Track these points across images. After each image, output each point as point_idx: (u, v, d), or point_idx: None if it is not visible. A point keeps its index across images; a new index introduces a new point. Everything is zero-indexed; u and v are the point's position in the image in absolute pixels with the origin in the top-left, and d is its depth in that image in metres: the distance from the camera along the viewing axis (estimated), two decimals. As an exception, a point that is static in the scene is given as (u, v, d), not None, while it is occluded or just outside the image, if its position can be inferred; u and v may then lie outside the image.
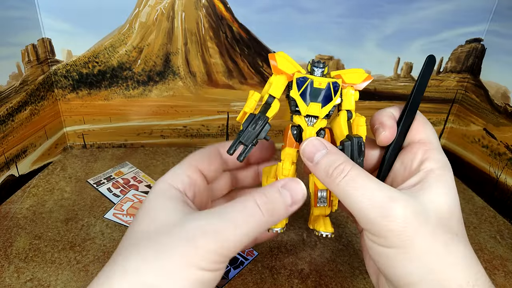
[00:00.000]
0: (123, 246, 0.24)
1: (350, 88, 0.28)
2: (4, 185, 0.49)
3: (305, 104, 0.27)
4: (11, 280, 0.36)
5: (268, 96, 0.27)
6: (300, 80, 0.27)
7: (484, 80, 0.57)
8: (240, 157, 0.26)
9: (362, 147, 0.26)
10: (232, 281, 0.37)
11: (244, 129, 0.26)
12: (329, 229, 0.29)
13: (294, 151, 0.28)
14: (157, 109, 0.61)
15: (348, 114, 0.28)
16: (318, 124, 0.28)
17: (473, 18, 0.56)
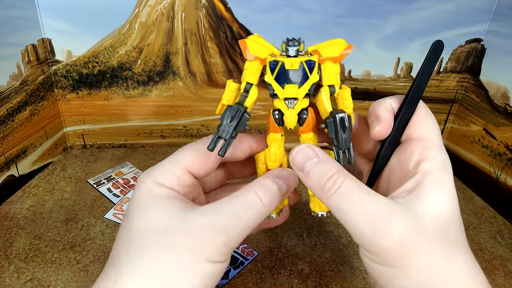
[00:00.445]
0: (124, 247, 0.23)
1: (329, 62, 0.27)
2: (4, 185, 0.49)
3: (281, 87, 0.26)
4: (11, 280, 0.36)
5: (245, 84, 0.26)
6: (272, 63, 0.26)
7: (484, 80, 0.57)
8: (220, 152, 0.25)
9: (346, 122, 0.25)
10: (232, 281, 0.37)
11: (221, 123, 0.25)
12: (323, 208, 0.28)
13: (279, 136, 0.28)
14: (157, 109, 0.61)
15: (331, 89, 0.27)
16: (299, 105, 0.27)
17: (473, 18, 0.56)
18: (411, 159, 0.24)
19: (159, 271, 0.22)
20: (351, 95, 0.27)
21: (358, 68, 0.59)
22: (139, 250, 0.22)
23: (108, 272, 0.23)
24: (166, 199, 0.24)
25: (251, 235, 0.32)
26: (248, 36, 0.26)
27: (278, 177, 0.25)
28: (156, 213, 0.23)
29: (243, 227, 0.23)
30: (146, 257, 0.22)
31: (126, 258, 0.23)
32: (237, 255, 0.41)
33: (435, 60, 0.25)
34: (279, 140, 0.28)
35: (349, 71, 0.59)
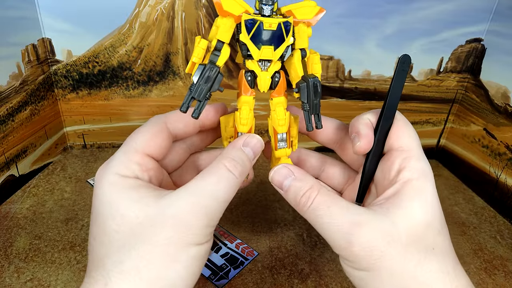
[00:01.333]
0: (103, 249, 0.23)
1: (302, 24, 0.26)
2: (4, 185, 0.49)
3: (257, 48, 0.25)
4: (11, 280, 0.36)
5: (216, 41, 0.25)
6: (249, 22, 0.25)
7: (484, 80, 0.57)
8: (195, 114, 0.24)
9: (318, 88, 0.25)
10: (232, 281, 0.37)
11: (195, 83, 0.24)
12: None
13: (251, 98, 0.27)
14: (157, 109, 0.61)
15: (302, 52, 0.27)
16: (272, 67, 0.26)
17: (473, 18, 0.56)
18: (392, 169, 0.25)
19: (147, 266, 0.22)
20: (352, 94, 0.27)
21: (358, 68, 0.59)
22: (122, 250, 0.22)
23: (93, 275, 0.22)
24: (134, 191, 0.23)
25: None
26: None
27: (244, 145, 0.26)
28: (128, 208, 0.22)
29: (221, 203, 0.23)
30: (131, 255, 0.22)
31: (111, 260, 0.22)
32: (237, 255, 0.41)
33: (403, 73, 0.26)
34: (250, 103, 0.27)
35: (349, 71, 0.59)
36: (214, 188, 0.23)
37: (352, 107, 0.61)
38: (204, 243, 0.23)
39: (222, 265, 0.39)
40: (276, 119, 0.28)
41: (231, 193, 0.24)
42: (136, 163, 0.25)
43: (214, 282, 0.37)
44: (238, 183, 0.25)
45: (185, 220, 0.22)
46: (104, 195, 0.23)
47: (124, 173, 0.24)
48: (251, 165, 0.26)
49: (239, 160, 0.25)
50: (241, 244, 0.42)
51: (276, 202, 0.50)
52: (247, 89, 0.27)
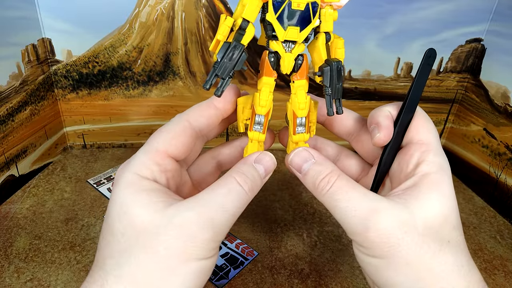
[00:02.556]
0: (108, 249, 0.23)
1: (329, 7, 0.26)
2: (4, 185, 0.49)
3: (283, 28, 0.24)
4: (11, 280, 0.36)
5: (241, 20, 0.24)
6: (277, 1, 0.24)
7: (484, 80, 0.57)
8: (218, 92, 0.24)
9: (342, 71, 0.25)
10: (232, 281, 0.37)
11: (219, 61, 0.24)
12: None
13: (272, 80, 0.27)
14: (157, 109, 0.61)
15: (327, 36, 0.26)
16: (296, 49, 0.26)
17: (473, 18, 0.56)
18: (410, 162, 0.25)
19: (145, 275, 0.21)
20: (352, 94, 0.27)
21: (358, 68, 0.59)
22: (123, 254, 0.22)
23: (94, 275, 0.22)
24: (146, 195, 0.23)
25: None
26: None
27: (256, 161, 0.25)
28: (137, 212, 0.22)
29: (229, 217, 0.23)
30: (131, 261, 0.21)
31: (111, 262, 0.22)
32: (237, 255, 0.41)
33: (428, 67, 0.26)
34: (271, 85, 0.27)
35: (349, 71, 0.59)
36: (223, 199, 0.23)
37: (352, 107, 0.61)
38: (208, 258, 0.22)
39: (222, 265, 0.39)
40: (296, 103, 0.27)
41: (240, 207, 0.23)
42: (155, 163, 0.24)
43: (214, 282, 0.37)
44: (247, 198, 0.24)
45: (190, 231, 0.21)
46: (118, 195, 0.23)
47: (143, 173, 0.24)
48: (262, 183, 0.26)
49: (249, 176, 0.24)
50: (241, 244, 0.42)
51: (276, 202, 0.50)
52: (269, 71, 0.26)
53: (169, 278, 0.21)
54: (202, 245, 0.22)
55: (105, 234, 0.23)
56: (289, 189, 0.53)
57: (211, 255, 0.23)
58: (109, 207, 0.24)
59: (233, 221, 0.23)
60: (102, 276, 0.22)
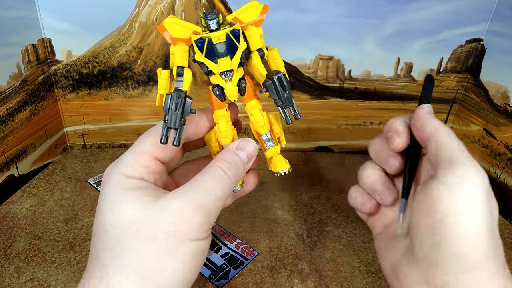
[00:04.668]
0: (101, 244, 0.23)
1: (251, 26, 0.27)
2: (4, 185, 0.49)
3: (214, 63, 0.26)
4: (11, 280, 0.36)
5: (176, 68, 0.26)
6: (199, 41, 0.26)
7: (484, 80, 0.57)
8: (175, 141, 0.25)
9: (284, 81, 0.26)
10: (232, 281, 0.37)
11: (167, 113, 0.25)
12: (285, 166, 0.29)
13: (224, 111, 0.28)
14: (157, 109, 0.61)
15: (260, 53, 0.27)
16: (236, 76, 0.27)
17: (473, 18, 0.56)
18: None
19: (143, 261, 0.22)
20: (352, 94, 0.27)
21: (358, 68, 0.59)
22: (119, 245, 0.23)
23: (91, 271, 0.23)
24: (136, 190, 0.24)
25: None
26: (164, 20, 0.26)
27: (237, 148, 0.27)
28: (128, 205, 0.23)
29: (217, 201, 0.24)
30: (128, 250, 0.22)
31: (107, 255, 0.23)
32: (237, 255, 0.41)
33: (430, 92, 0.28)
34: (225, 115, 0.28)
35: (349, 71, 0.59)
36: (209, 185, 0.24)
37: (352, 107, 0.61)
38: (202, 239, 0.24)
39: (222, 265, 0.39)
40: (255, 122, 0.28)
41: (226, 191, 0.25)
42: (143, 166, 0.26)
43: (214, 282, 0.37)
44: (232, 183, 0.26)
45: (182, 216, 0.23)
46: (107, 193, 0.25)
47: (130, 174, 0.25)
48: (245, 167, 0.27)
49: (232, 162, 0.26)
50: (241, 244, 0.42)
51: (276, 202, 0.50)
52: (218, 104, 0.28)
53: (168, 260, 0.23)
54: (195, 227, 0.23)
55: (97, 230, 0.24)
56: (289, 189, 0.53)
57: (205, 236, 0.24)
58: (99, 205, 0.25)
59: (221, 204, 0.25)
60: (100, 269, 0.23)
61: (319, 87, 0.60)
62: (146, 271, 0.22)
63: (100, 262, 0.23)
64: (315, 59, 0.58)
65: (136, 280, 0.22)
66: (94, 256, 0.24)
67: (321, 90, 0.60)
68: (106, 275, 0.22)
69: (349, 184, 0.31)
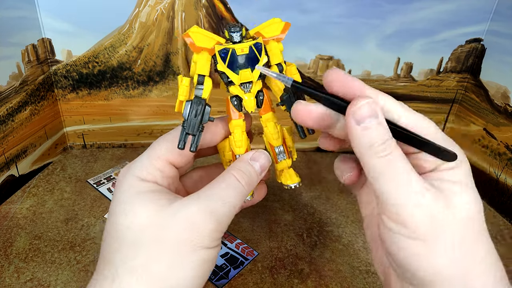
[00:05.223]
0: (114, 245, 0.23)
1: (272, 41, 0.28)
2: (4, 185, 0.49)
3: (235, 73, 0.27)
4: (11, 280, 0.36)
5: (197, 76, 0.27)
6: (223, 52, 0.26)
7: (484, 80, 0.57)
8: (192, 148, 0.26)
9: (301, 96, 0.27)
10: (232, 281, 0.37)
11: (186, 119, 0.25)
12: (295, 179, 0.30)
13: (241, 121, 0.29)
14: (157, 109, 0.61)
15: (279, 67, 0.28)
16: (255, 87, 0.28)
17: (473, 18, 0.56)
18: None
19: (155, 264, 0.22)
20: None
21: (358, 68, 0.59)
22: (132, 247, 0.23)
23: (102, 272, 0.23)
24: (150, 193, 0.24)
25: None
26: (189, 29, 0.26)
27: (251, 159, 0.27)
28: (142, 208, 0.24)
29: (230, 209, 0.25)
30: (140, 253, 0.23)
31: (119, 256, 0.23)
32: (237, 255, 0.41)
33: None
34: (241, 125, 0.29)
35: (349, 71, 0.59)
36: (223, 193, 0.25)
37: (352, 107, 0.61)
38: (213, 247, 0.24)
39: (222, 265, 0.39)
40: (269, 134, 0.29)
41: (239, 200, 0.25)
42: (157, 169, 0.26)
43: (214, 282, 0.37)
44: (245, 192, 0.26)
45: (195, 223, 0.23)
46: (123, 194, 0.25)
47: (145, 177, 0.25)
48: (258, 178, 0.27)
49: (246, 172, 0.26)
50: (241, 244, 0.42)
51: (276, 202, 0.50)
52: (235, 113, 0.28)
53: (178, 266, 0.23)
54: (207, 235, 0.23)
55: (110, 230, 0.24)
56: (289, 189, 0.53)
57: (215, 244, 0.24)
58: (112, 207, 0.25)
59: (234, 212, 0.25)
60: (112, 271, 0.23)
61: (319, 87, 0.60)
62: (157, 275, 0.22)
63: (111, 264, 0.23)
64: (315, 59, 0.58)
65: (147, 283, 0.22)
66: (106, 257, 0.24)
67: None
68: (117, 278, 0.22)
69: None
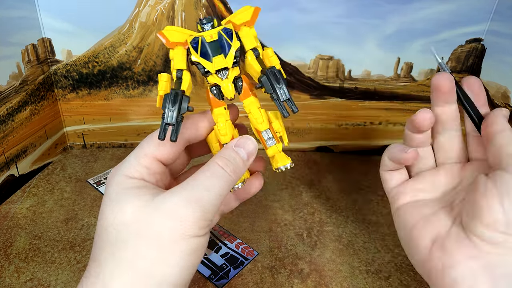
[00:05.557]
0: (100, 243, 0.24)
1: (244, 27, 0.28)
2: (4, 185, 0.49)
3: (209, 61, 0.27)
4: (11, 280, 0.36)
5: (175, 71, 0.27)
6: (193, 42, 0.27)
7: (484, 80, 0.57)
8: (172, 137, 0.25)
9: (277, 74, 0.26)
10: (232, 281, 0.37)
11: (164, 111, 0.26)
12: (286, 161, 0.29)
13: (223, 109, 0.29)
14: (157, 109, 0.60)
15: (255, 52, 0.28)
16: (231, 74, 0.28)
17: (473, 18, 0.56)
18: None
19: (141, 257, 0.22)
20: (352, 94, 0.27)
21: (358, 68, 0.59)
22: (118, 243, 0.23)
23: (89, 270, 0.23)
24: (136, 189, 0.25)
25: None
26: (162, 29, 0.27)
27: (236, 145, 0.27)
28: (128, 204, 0.24)
29: (215, 197, 0.24)
30: (125, 247, 0.23)
31: (105, 252, 0.23)
32: (237, 255, 0.41)
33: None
34: (224, 114, 0.29)
35: (349, 71, 0.59)
36: (207, 181, 0.25)
37: (352, 107, 0.61)
38: (200, 236, 0.24)
39: (222, 265, 0.39)
40: (253, 119, 0.28)
41: (224, 188, 0.25)
42: (144, 166, 0.26)
43: (214, 282, 0.37)
44: (231, 180, 0.26)
45: (180, 212, 0.23)
46: (110, 194, 0.25)
47: (132, 174, 0.26)
48: (245, 165, 0.27)
49: (230, 159, 0.26)
50: (241, 244, 0.42)
51: (276, 202, 0.50)
52: (216, 102, 0.29)
53: (166, 257, 0.23)
54: (192, 223, 0.23)
55: (99, 231, 0.24)
56: (289, 189, 0.53)
57: (202, 233, 0.24)
58: (101, 206, 0.25)
59: (220, 200, 0.25)
60: (97, 269, 0.23)
61: (319, 87, 0.60)
62: (143, 268, 0.22)
63: (97, 261, 0.23)
64: (315, 59, 0.58)
65: (133, 276, 0.22)
66: (94, 255, 0.24)
67: (321, 90, 0.60)
68: (101, 272, 0.22)
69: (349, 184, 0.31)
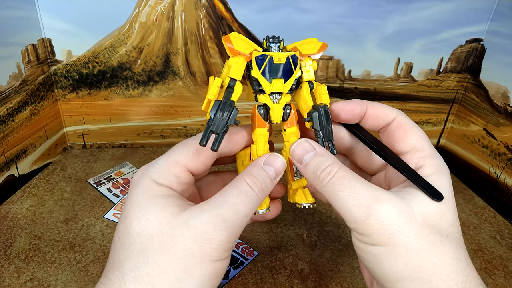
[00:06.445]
0: (124, 250, 0.23)
1: (308, 59, 0.28)
2: (4, 185, 0.49)
3: (268, 81, 0.27)
4: (11, 280, 0.36)
5: (229, 79, 0.26)
6: (260, 58, 0.26)
7: (484, 80, 0.57)
8: (214, 147, 0.25)
9: (329, 114, 0.27)
10: (232, 281, 0.37)
11: (212, 118, 0.25)
12: (310, 199, 0.29)
13: (265, 131, 0.28)
14: (157, 109, 0.61)
15: (310, 85, 0.28)
16: (283, 99, 0.28)
17: (473, 18, 0.56)
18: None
19: (162, 275, 0.22)
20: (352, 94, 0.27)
21: (358, 68, 0.59)
22: (141, 255, 0.22)
23: (109, 277, 0.23)
24: (164, 199, 0.24)
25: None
26: (230, 33, 0.27)
27: (265, 163, 0.26)
28: (154, 214, 0.23)
29: (241, 218, 0.24)
30: (149, 262, 0.22)
31: (128, 263, 0.22)
32: (237, 255, 0.41)
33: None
34: (265, 135, 0.28)
35: (349, 71, 0.59)
36: (234, 201, 0.24)
37: (352, 107, 0.61)
38: (222, 259, 0.23)
39: (222, 265, 0.39)
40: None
41: (251, 208, 0.24)
42: (174, 175, 0.26)
43: (214, 282, 0.37)
44: (257, 199, 0.25)
45: (205, 232, 0.22)
46: (137, 197, 0.24)
47: (160, 181, 0.25)
48: (272, 184, 0.27)
49: (259, 177, 0.25)
50: (241, 244, 0.42)
51: (276, 202, 0.50)
52: (261, 122, 0.28)
53: (185, 278, 0.22)
54: (217, 246, 0.22)
55: (121, 235, 0.24)
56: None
57: (225, 256, 0.23)
58: (126, 209, 0.24)
59: (246, 221, 0.24)
60: (119, 278, 0.22)
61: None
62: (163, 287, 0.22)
63: (119, 271, 0.23)
64: (315, 59, 0.58)
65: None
66: (116, 262, 0.23)
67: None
68: (123, 286, 0.22)
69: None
